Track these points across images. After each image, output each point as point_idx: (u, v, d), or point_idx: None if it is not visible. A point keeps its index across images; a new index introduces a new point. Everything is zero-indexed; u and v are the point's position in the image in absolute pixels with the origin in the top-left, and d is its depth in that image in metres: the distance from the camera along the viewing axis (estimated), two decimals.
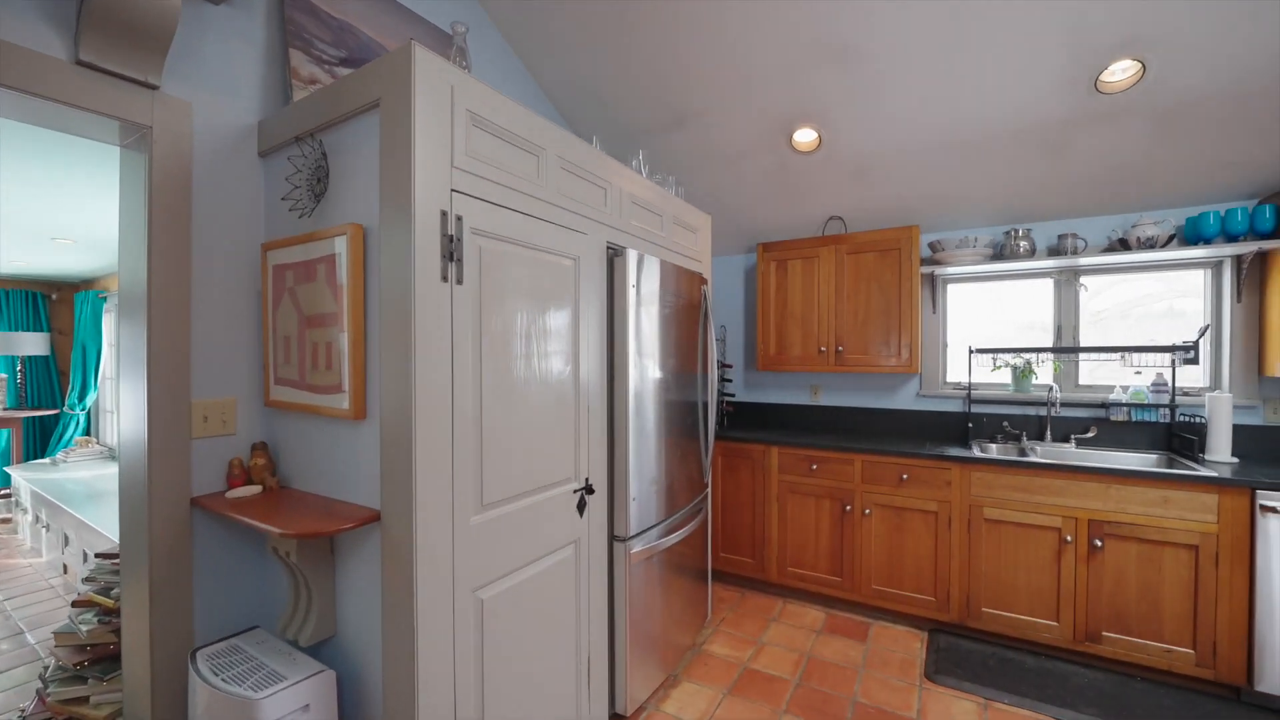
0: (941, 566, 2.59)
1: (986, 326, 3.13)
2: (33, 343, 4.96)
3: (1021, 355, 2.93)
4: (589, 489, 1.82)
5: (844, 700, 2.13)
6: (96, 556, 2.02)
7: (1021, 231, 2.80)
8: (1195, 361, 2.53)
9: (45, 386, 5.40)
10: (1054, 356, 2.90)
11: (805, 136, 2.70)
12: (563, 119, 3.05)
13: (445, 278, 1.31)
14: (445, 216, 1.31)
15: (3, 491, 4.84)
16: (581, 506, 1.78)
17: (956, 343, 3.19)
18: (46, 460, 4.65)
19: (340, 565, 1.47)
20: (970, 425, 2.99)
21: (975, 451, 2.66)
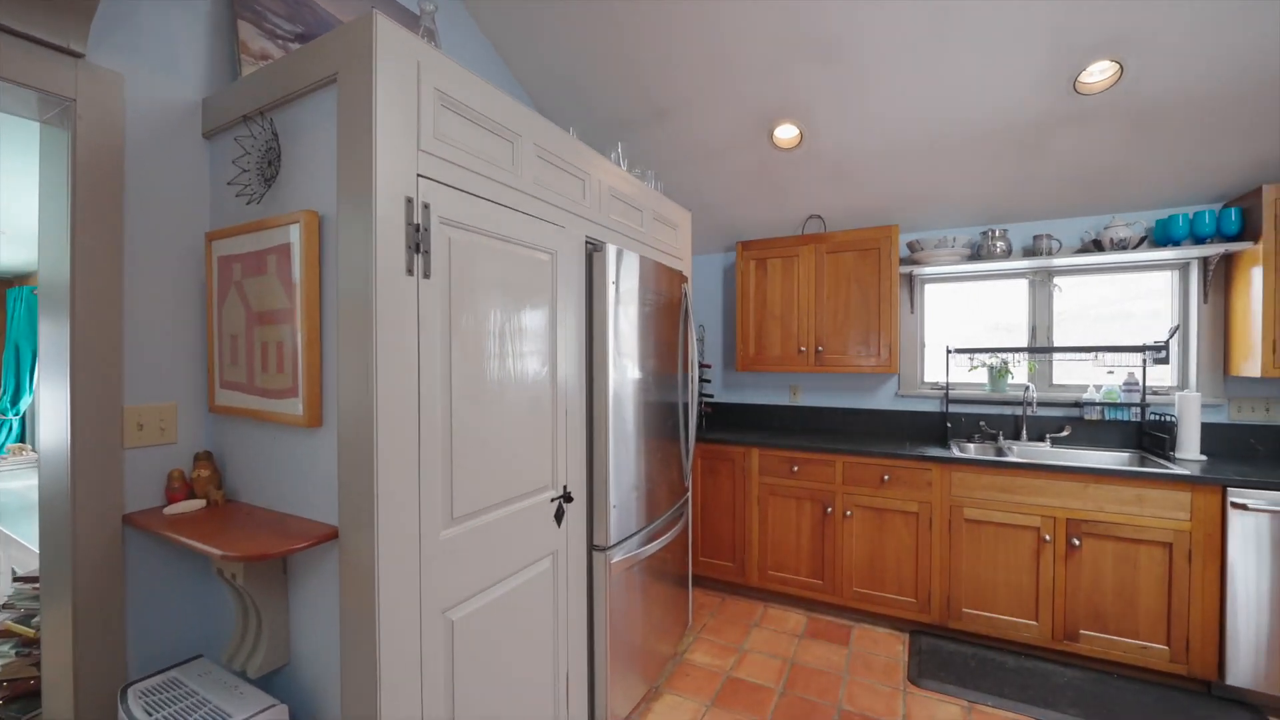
0: (923, 567, 2.58)
1: (962, 327, 3.15)
2: None
3: (998, 355, 2.95)
4: (567, 497, 1.72)
5: (829, 708, 2.08)
6: (15, 581, 1.82)
7: (998, 232, 2.82)
8: (1166, 361, 2.57)
9: None
10: (1029, 356, 2.92)
11: (786, 133, 2.66)
12: (537, 109, 2.93)
13: (411, 270, 1.20)
14: (411, 204, 1.20)
15: None
16: (560, 516, 1.69)
17: (933, 343, 3.19)
18: None
19: (294, 587, 1.34)
20: (949, 425, 3.00)
21: (955, 452, 2.66)
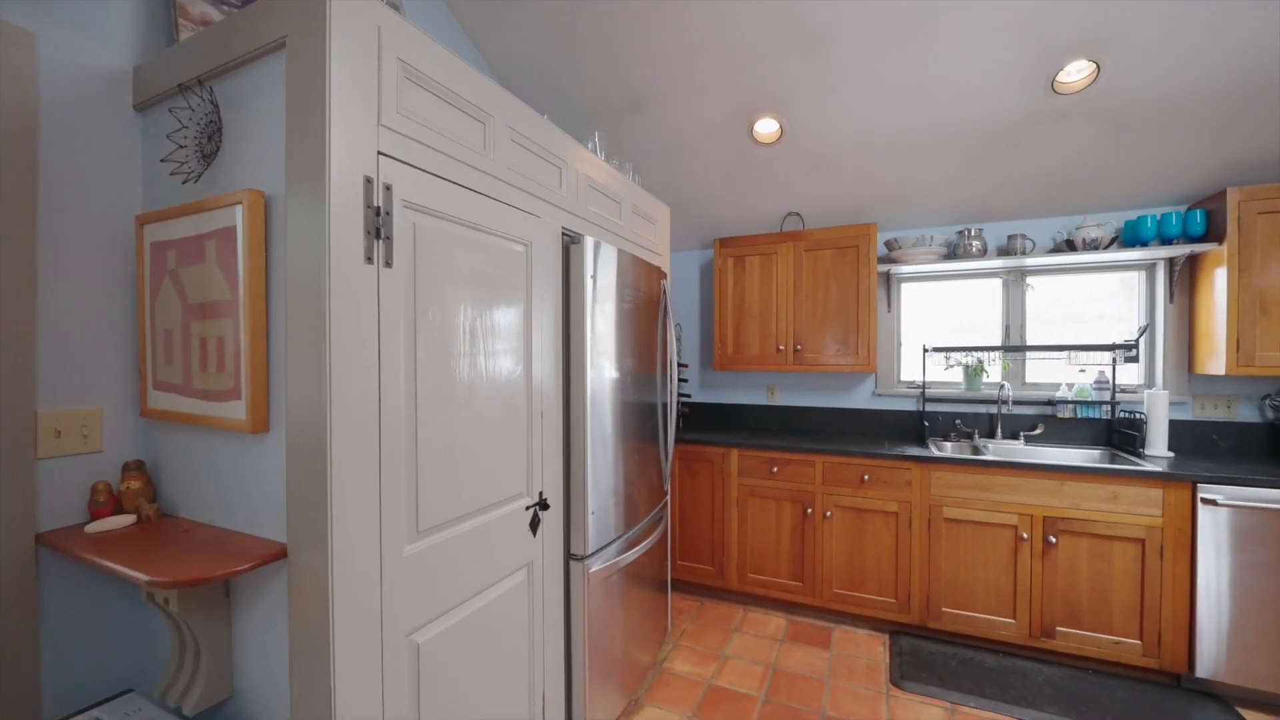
0: (902, 567, 2.56)
1: (938, 326, 3.16)
2: None
3: (973, 354, 2.96)
4: (543, 504, 1.61)
5: (814, 715, 2.03)
6: None
7: (974, 231, 2.83)
8: (1136, 360, 2.62)
9: None
10: (1004, 355, 2.95)
11: (767, 127, 2.60)
12: None
13: (370, 258, 1.08)
14: (370, 184, 1.08)
15: None
16: (535, 525, 1.58)
17: (909, 342, 3.20)
18: None
19: (239, 612, 1.20)
20: (926, 424, 3.00)
21: (933, 450, 2.65)
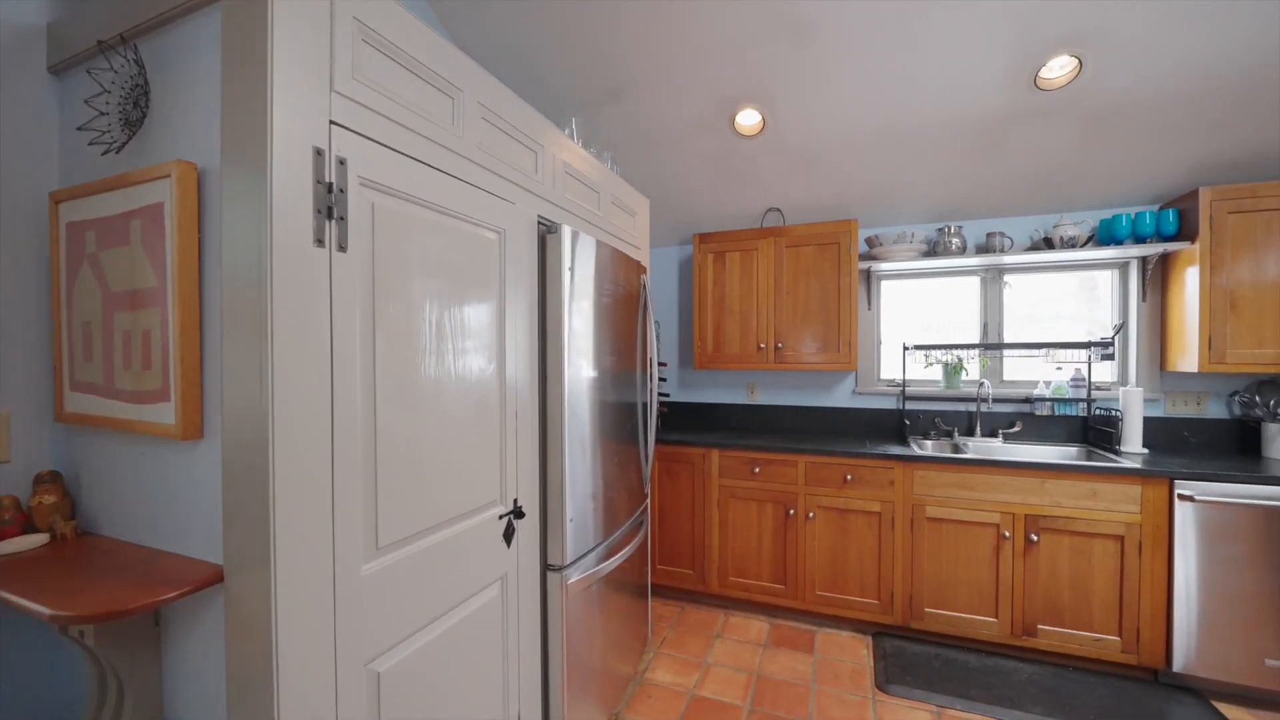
0: (885, 568, 2.52)
1: (916, 324, 3.14)
2: None
3: (952, 352, 2.95)
4: (518, 512, 1.50)
5: None
6: None
7: (954, 229, 2.82)
8: (1113, 357, 2.64)
9: None
10: (982, 353, 2.95)
11: (749, 119, 2.53)
12: None
13: (321, 241, 0.96)
14: (321, 157, 0.95)
15: None
16: (509, 535, 1.47)
17: (889, 340, 3.18)
18: None
19: (171, 642, 1.06)
20: (907, 423, 2.98)
21: (914, 449, 2.62)
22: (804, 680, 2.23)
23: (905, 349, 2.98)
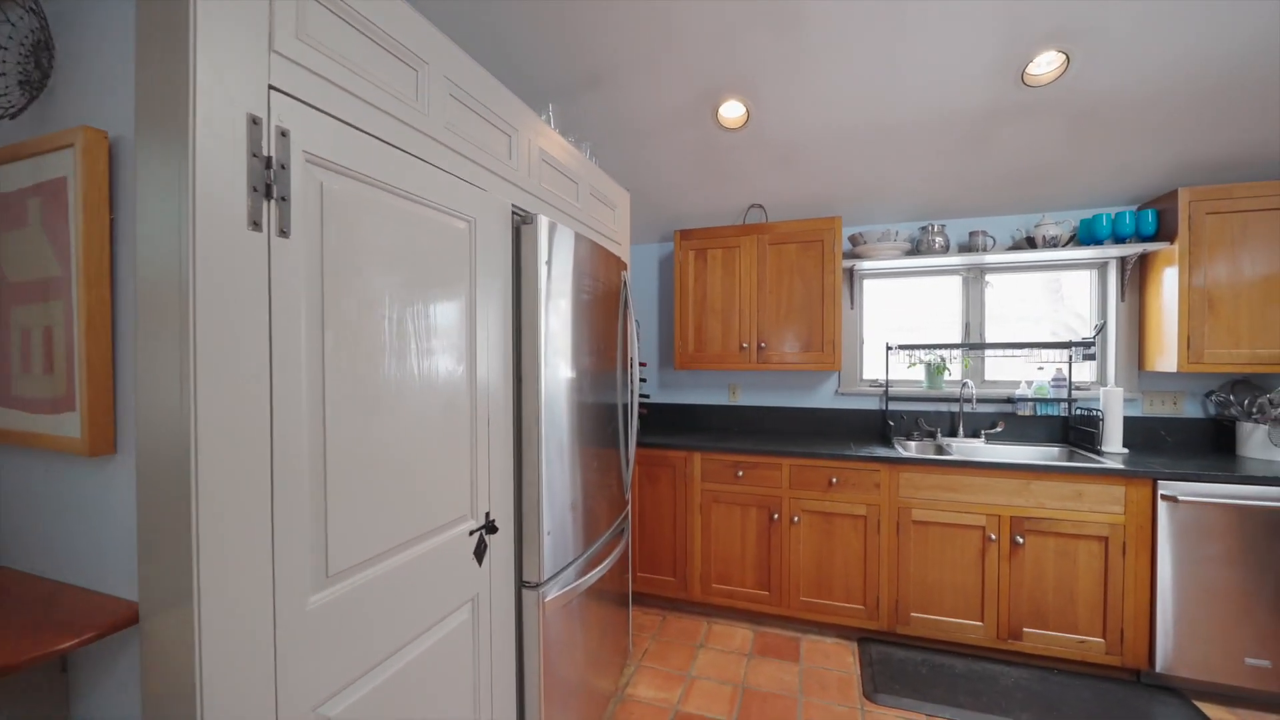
0: (871, 572, 2.47)
1: (898, 324, 3.11)
2: None
3: (935, 352, 2.93)
4: (490, 527, 1.38)
5: None
6: None
7: (937, 227, 2.79)
8: (1094, 357, 2.64)
9: None
10: (965, 353, 2.93)
11: (733, 111, 2.45)
12: None
13: (258, 224, 0.82)
14: (258, 126, 0.82)
15: None
16: (481, 552, 1.34)
17: (871, 339, 3.14)
18: None
19: (79, 695, 0.91)
20: (891, 424, 2.94)
21: (899, 451, 2.58)
22: (791, 691, 2.16)
23: (888, 349, 2.95)
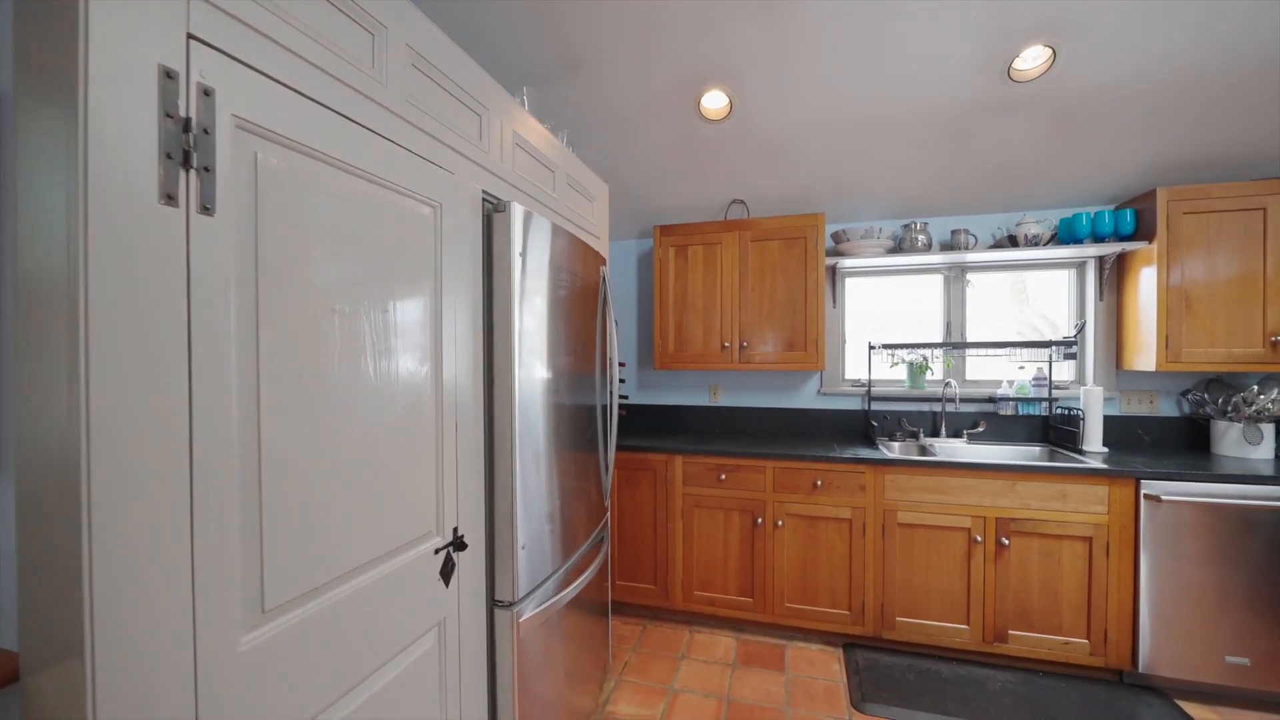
0: (856, 577, 2.42)
1: (879, 323, 3.08)
2: None
3: (917, 351, 2.90)
4: (459, 543, 1.26)
5: None
6: None
7: (919, 225, 2.75)
8: (1075, 357, 2.64)
9: None
10: (947, 352, 2.90)
11: (715, 101, 2.36)
12: None
13: (173, 198, 0.69)
14: (174, 82, 0.69)
15: None
16: (448, 571, 1.22)
17: (852, 339, 3.10)
18: None
19: None
20: (875, 424, 2.90)
21: (884, 452, 2.53)
22: (777, 703, 2.08)
23: (871, 348, 2.90)
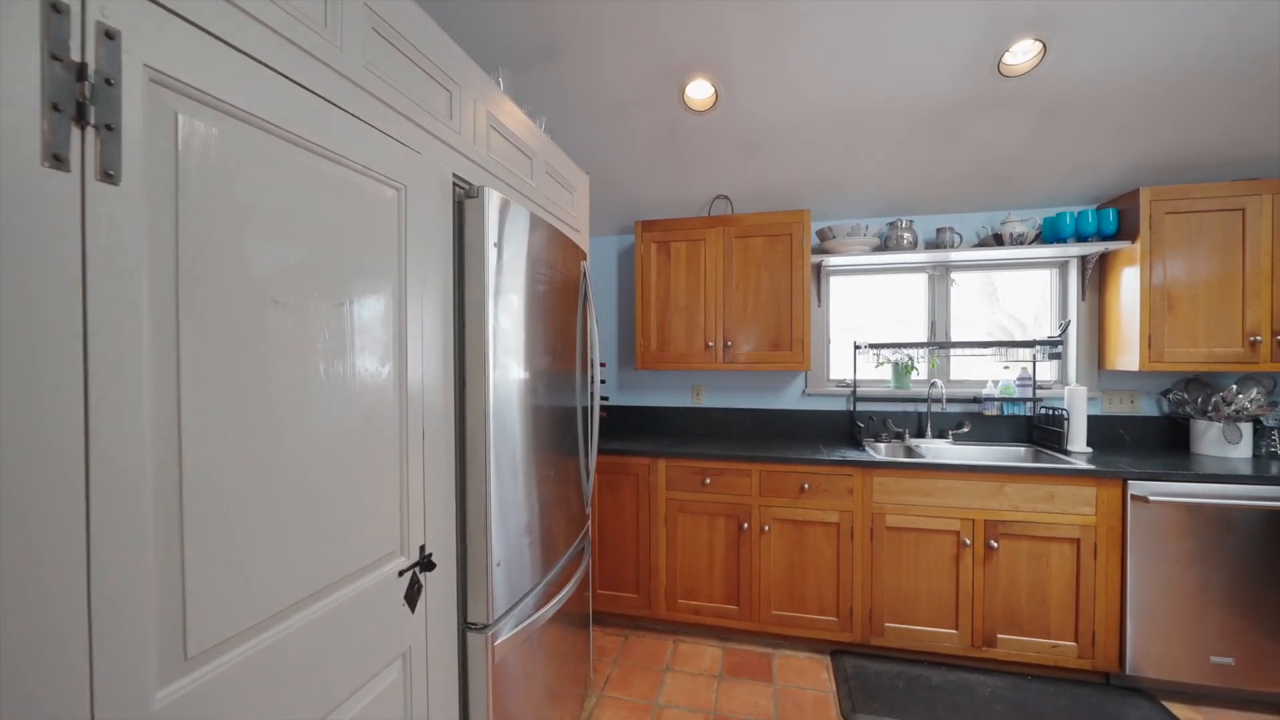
0: (844, 582, 2.35)
1: (862, 322, 3.04)
2: None
3: (902, 351, 2.86)
4: (426, 563, 1.14)
5: None
6: None
7: (905, 223, 2.71)
8: (1060, 356, 2.63)
9: None
10: (932, 352, 2.87)
11: (701, 91, 2.27)
12: None
13: (61, 159, 0.56)
14: (62, 17, 0.56)
15: None
16: (414, 595, 1.10)
17: (837, 338, 3.05)
18: None
19: None
20: (860, 425, 2.85)
21: (872, 454, 2.48)
22: (767, 716, 2.00)
23: (856, 348, 2.85)
